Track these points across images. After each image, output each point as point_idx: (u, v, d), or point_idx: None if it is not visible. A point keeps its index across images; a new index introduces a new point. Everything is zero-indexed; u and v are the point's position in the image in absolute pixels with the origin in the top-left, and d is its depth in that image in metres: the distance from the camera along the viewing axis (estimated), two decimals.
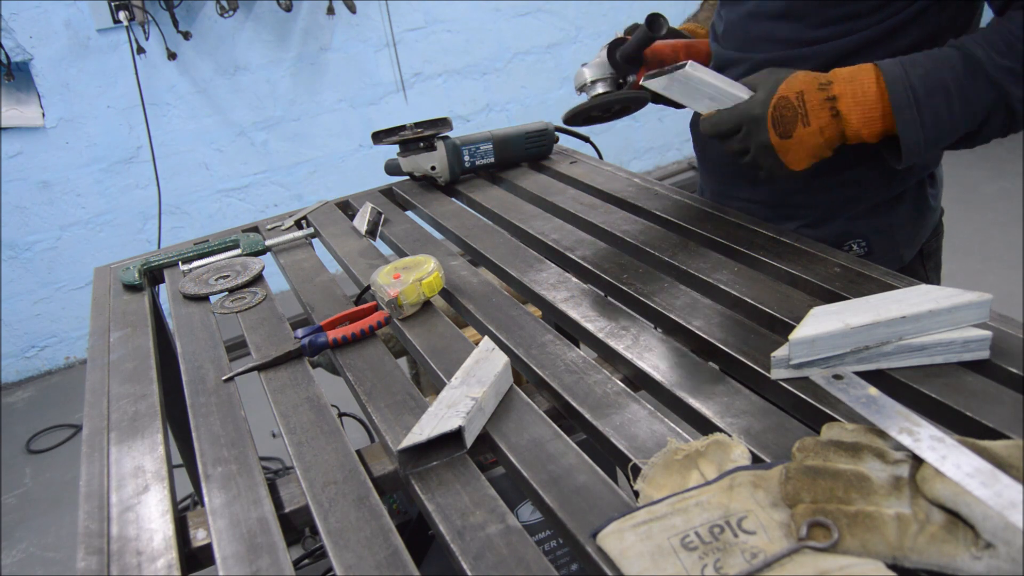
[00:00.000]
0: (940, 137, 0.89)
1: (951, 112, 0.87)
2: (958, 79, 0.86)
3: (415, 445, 0.71)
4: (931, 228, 1.16)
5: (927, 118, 0.87)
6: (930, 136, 0.88)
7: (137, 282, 1.27)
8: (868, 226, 1.10)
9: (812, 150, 0.92)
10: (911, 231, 1.12)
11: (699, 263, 1.02)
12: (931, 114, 0.87)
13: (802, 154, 0.92)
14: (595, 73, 1.18)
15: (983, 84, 0.86)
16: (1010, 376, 0.72)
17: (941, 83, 0.86)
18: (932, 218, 1.15)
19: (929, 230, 1.16)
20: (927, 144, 0.89)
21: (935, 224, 1.18)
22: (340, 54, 3.47)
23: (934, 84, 0.86)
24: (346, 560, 0.64)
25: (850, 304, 0.78)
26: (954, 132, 0.89)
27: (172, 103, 3.24)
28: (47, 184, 3.13)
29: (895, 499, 0.54)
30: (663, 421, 0.74)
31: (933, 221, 1.16)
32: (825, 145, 0.92)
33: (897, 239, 1.11)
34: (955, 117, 0.87)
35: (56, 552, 2.31)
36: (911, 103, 0.87)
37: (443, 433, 0.71)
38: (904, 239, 1.12)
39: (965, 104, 0.86)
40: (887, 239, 1.11)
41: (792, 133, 0.91)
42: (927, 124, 0.87)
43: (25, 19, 2.89)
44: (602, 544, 0.58)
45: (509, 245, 1.21)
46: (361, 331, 0.97)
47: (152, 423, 0.88)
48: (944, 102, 0.86)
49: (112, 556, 0.69)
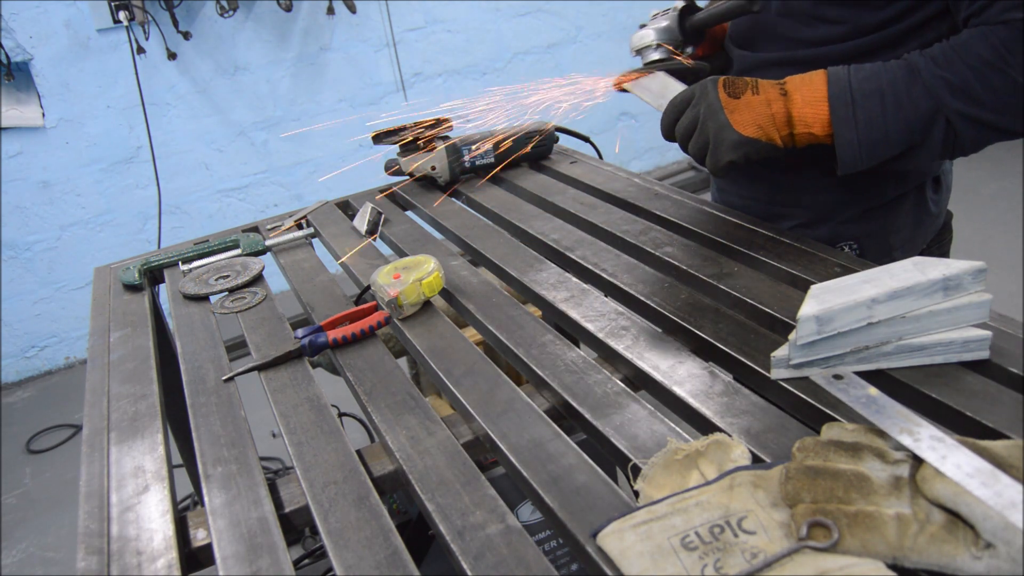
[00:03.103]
0: (875, 140, 0.90)
1: (885, 115, 0.89)
2: (895, 84, 0.89)
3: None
4: (932, 233, 1.16)
5: (861, 117, 0.90)
6: (864, 137, 0.90)
7: (137, 282, 1.27)
8: (860, 229, 1.11)
9: (759, 118, 0.93)
10: (907, 236, 1.12)
11: (699, 263, 1.02)
12: (865, 114, 0.89)
13: (748, 117, 0.93)
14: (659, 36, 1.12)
15: (919, 92, 0.88)
16: (1010, 376, 0.72)
17: (878, 87, 0.89)
18: (932, 224, 1.15)
19: (930, 235, 1.16)
20: (861, 146, 0.91)
21: (937, 230, 1.17)
22: (340, 54, 3.47)
23: (872, 87, 0.89)
24: (346, 560, 0.64)
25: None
26: (889, 137, 0.90)
27: (172, 103, 3.24)
28: (47, 184, 3.13)
29: (895, 499, 0.54)
30: (663, 421, 0.74)
31: (935, 227, 1.16)
32: (772, 120, 0.93)
33: (891, 243, 1.12)
34: (888, 120, 0.89)
35: (56, 552, 2.31)
36: (848, 102, 0.90)
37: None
38: (899, 243, 1.12)
39: (899, 109, 0.89)
40: (880, 242, 1.11)
41: (741, 95, 0.94)
42: (860, 123, 0.90)
43: (25, 19, 2.89)
44: (602, 544, 0.58)
45: (509, 245, 1.21)
46: (361, 331, 0.97)
47: (152, 423, 0.88)
48: (879, 104, 0.89)
49: (112, 556, 0.69)
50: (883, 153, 0.92)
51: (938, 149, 0.91)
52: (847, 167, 0.93)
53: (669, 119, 1.00)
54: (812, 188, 1.10)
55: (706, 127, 0.95)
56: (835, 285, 0.76)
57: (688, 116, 0.97)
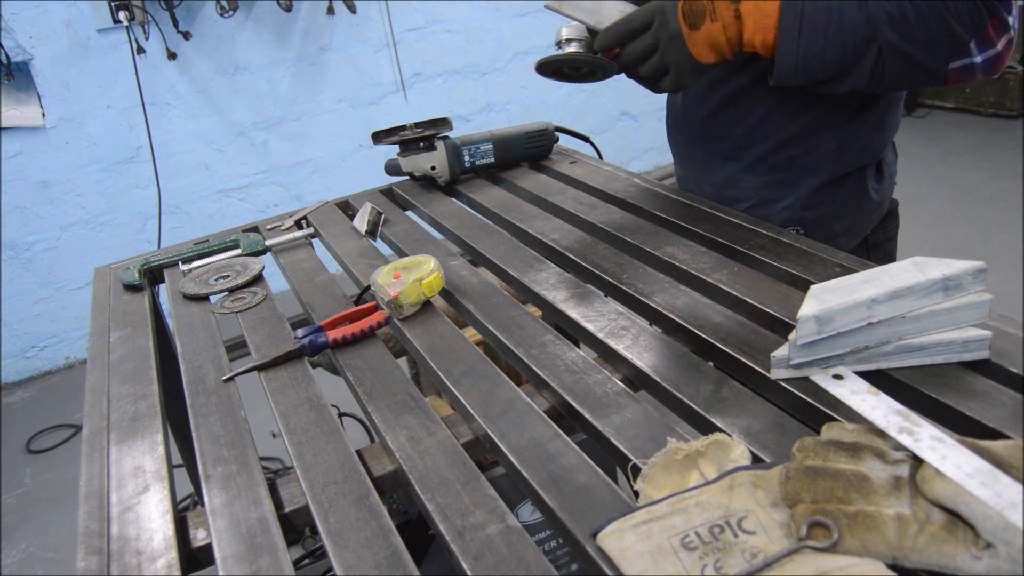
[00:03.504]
0: (811, 55, 0.95)
1: (827, 33, 0.94)
2: (842, 6, 0.93)
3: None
4: (875, 221, 1.23)
5: (805, 31, 0.94)
6: (803, 50, 0.95)
7: (137, 282, 1.27)
8: (803, 214, 1.18)
9: (716, 46, 0.98)
10: (849, 221, 1.19)
11: (699, 263, 1.02)
12: (809, 29, 0.94)
13: (707, 47, 0.99)
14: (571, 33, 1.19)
15: (861, 17, 0.92)
16: (1010, 376, 0.72)
17: (827, 6, 0.93)
18: (875, 211, 1.22)
19: (873, 222, 1.23)
20: (799, 59, 0.96)
21: (881, 217, 1.24)
22: (340, 54, 3.47)
23: (822, 5, 0.94)
24: (346, 560, 0.64)
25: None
26: (824, 56, 0.95)
27: (172, 103, 3.24)
28: (47, 184, 3.13)
29: (895, 499, 0.54)
30: (663, 421, 0.74)
31: (878, 214, 1.23)
32: (727, 45, 0.98)
33: (834, 228, 1.19)
34: (829, 39, 0.94)
35: (56, 552, 2.32)
36: (797, 15, 0.94)
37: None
38: (841, 228, 1.19)
39: (840, 30, 0.93)
40: (823, 227, 1.19)
41: (700, 26, 0.97)
42: (803, 38, 0.95)
43: (25, 19, 2.89)
44: (602, 544, 0.58)
45: (509, 245, 1.21)
46: (361, 331, 0.97)
47: (152, 423, 0.88)
48: (824, 21, 0.93)
49: (112, 556, 0.69)
50: (816, 72, 0.97)
51: (865, 77, 0.96)
52: (781, 79, 0.98)
53: (618, 38, 1.04)
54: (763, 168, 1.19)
55: (667, 56, 1.00)
56: (835, 285, 0.76)
57: (645, 41, 1.01)
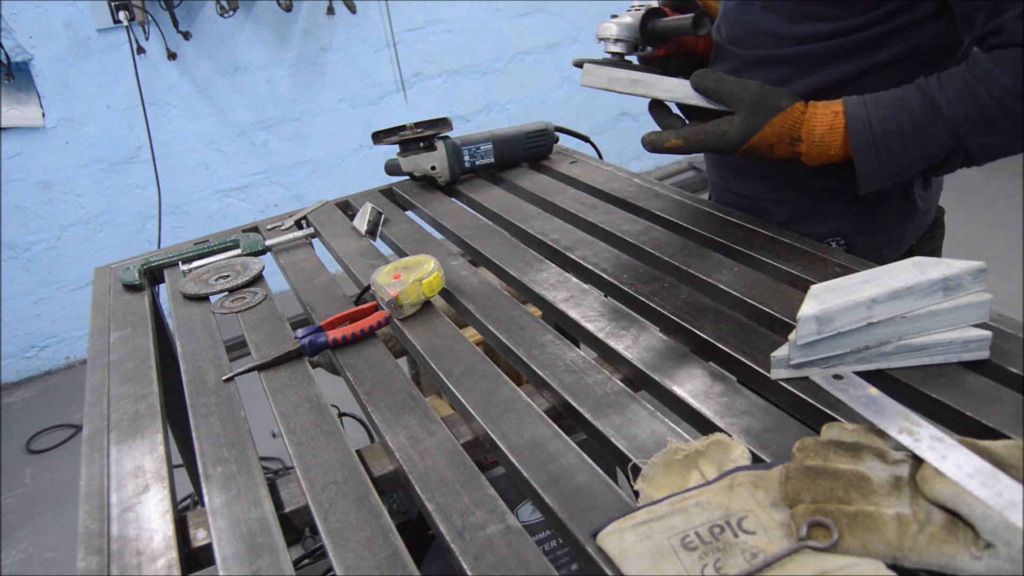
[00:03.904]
0: (896, 173, 0.93)
1: (906, 153, 0.91)
2: (916, 123, 0.89)
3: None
4: (921, 230, 1.17)
5: (883, 156, 0.91)
6: (885, 172, 0.93)
7: (137, 282, 1.27)
8: (848, 224, 1.12)
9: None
10: (894, 232, 1.13)
11: (699, 263, 1.02)
12: (887, 153, 0.91)
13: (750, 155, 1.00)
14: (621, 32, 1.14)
15: (941, 130, 0.88)
16: (1010, 376, 0.72)
17: (900, 127, 0.90)
18: (921, 220, 1.16)
19: (918, 232, 1.17)
20: (882, 178, 0.93)
21: (927, 226, 1.18)
22: (340, 54, 3.47)
23: (893, 128, 0.90)
24: (346, 560, 0.64)
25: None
26: (909, 170, 0.93)
27: (172, 103, 3.24)
28: (47, 184, 3.13)
29: (895, 499, 0.54)
30: (663, 421, 0.74)
31: (924, 223, 1.17)
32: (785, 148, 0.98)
33: (878, 239, 1.13)
34: (910, 158, 0.91)
35: (56, 552, 2.31)
36: (869, 145, 0.91)
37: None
38: (886, 239, 1.13)
39: (920, 148, 0.90)
40: (867, 238, 1.12)
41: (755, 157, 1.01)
42: (883, 162, 0.92)
43: (25, 19, 2.89)
44: (602, 544, 0.58)
45: (509, 245, 1.21)
46: (361, 331, 0.97)
47: (152, 423, 0.88)
48: (900, 144, 0.90)
49: (112, 556, 0.69)
50: (902, 179, 0.94)
51: (955, 169, 0.94)
52: (865, 191, 0.96)
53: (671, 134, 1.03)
54: (800, 184, 1.12)
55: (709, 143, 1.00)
56: (835, 285, 0.76)
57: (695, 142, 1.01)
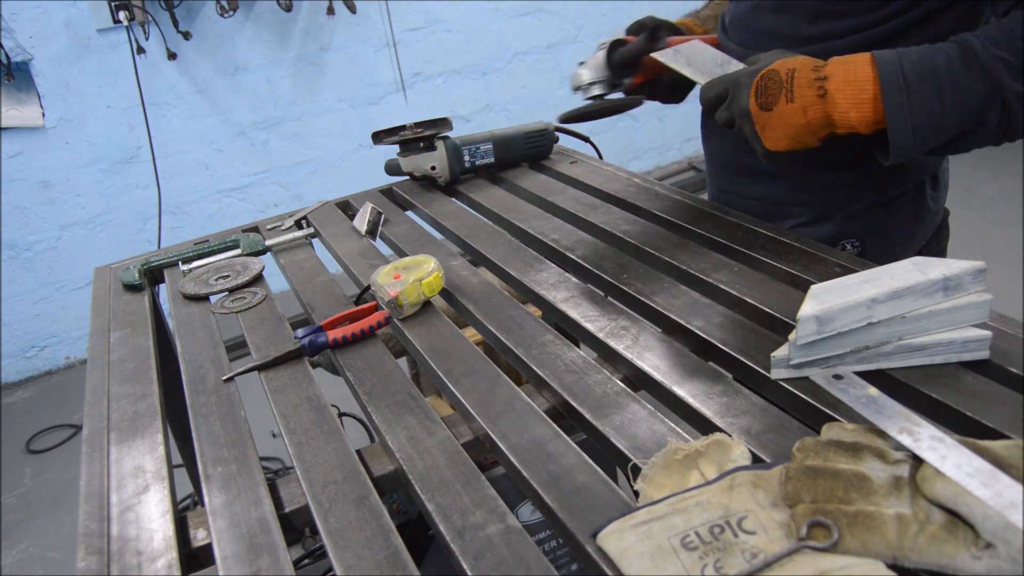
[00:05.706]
0: (929, 127, 0.85)
1: (941, 99, 0.83)
2: (951, 66, 0.83)
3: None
4: (931, 230, 1.16)
5: (916, 102, 0.83)
6: (919, 123, 0.84)
7: (137, 282, 1.27)
8: (863, 226, 1.10)
9: (792, 130, 0.89)
10: (907, 232, 1.12)
11: (699, 263, 1.02)
12: (920, 99, 0.83)
13: (781, 132, 0.90)
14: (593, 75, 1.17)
15: (977, 74, 0.82)
16: (1010, 376, 0.72)
17: (933, 69, 0.83)
18: (932, 220, 1.15)
19: (928, 232, 1.16)
20: (916, 133, 0.85)
21: (936, 226, 1.17)
22: (340, 54, 3.47)
23: (926, 70, 0.83)
24: (346, 560, 0.64)
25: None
26: (944, 123, 0.85)
27: (172, 103, 3.24)
28: (47, 184, 3.13)
29: (895, 499, 0.54)
30: (663, 421, 0.74)
31: (934, 224, 1.16)
32: (807, 129, 0.88)
33: (892, 239, 1.11)
34: (945, 105, 0.83)
35: (56, 552, 2.31)
36: (901, 86, 0.83)
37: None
38: (899, 240, 1.12)
39: (956, 93, 0.83)
40: (882, 239, 1.11)
41: (773, 106, 0.89)
42: (916, 110, 0.84)
43: (25, 19, 2.89)
44: (602, 544, 0.58)
45: (509, 245, 1.21)
46: (361, 331, 0.97)
47: (152, 423, 0.88)
48: (935, 88, 0.83)
49: (112, 556, 0.69)
50: (936, 139, 0.86)
51: (991, 134, 0.86)
52: (898, 155, 0.87)
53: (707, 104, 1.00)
54: (817, 185, 1.10)
55: (742, 130, 0.94)
56: (835, 285, 0.76)
57: (723, 115, 0.97)
